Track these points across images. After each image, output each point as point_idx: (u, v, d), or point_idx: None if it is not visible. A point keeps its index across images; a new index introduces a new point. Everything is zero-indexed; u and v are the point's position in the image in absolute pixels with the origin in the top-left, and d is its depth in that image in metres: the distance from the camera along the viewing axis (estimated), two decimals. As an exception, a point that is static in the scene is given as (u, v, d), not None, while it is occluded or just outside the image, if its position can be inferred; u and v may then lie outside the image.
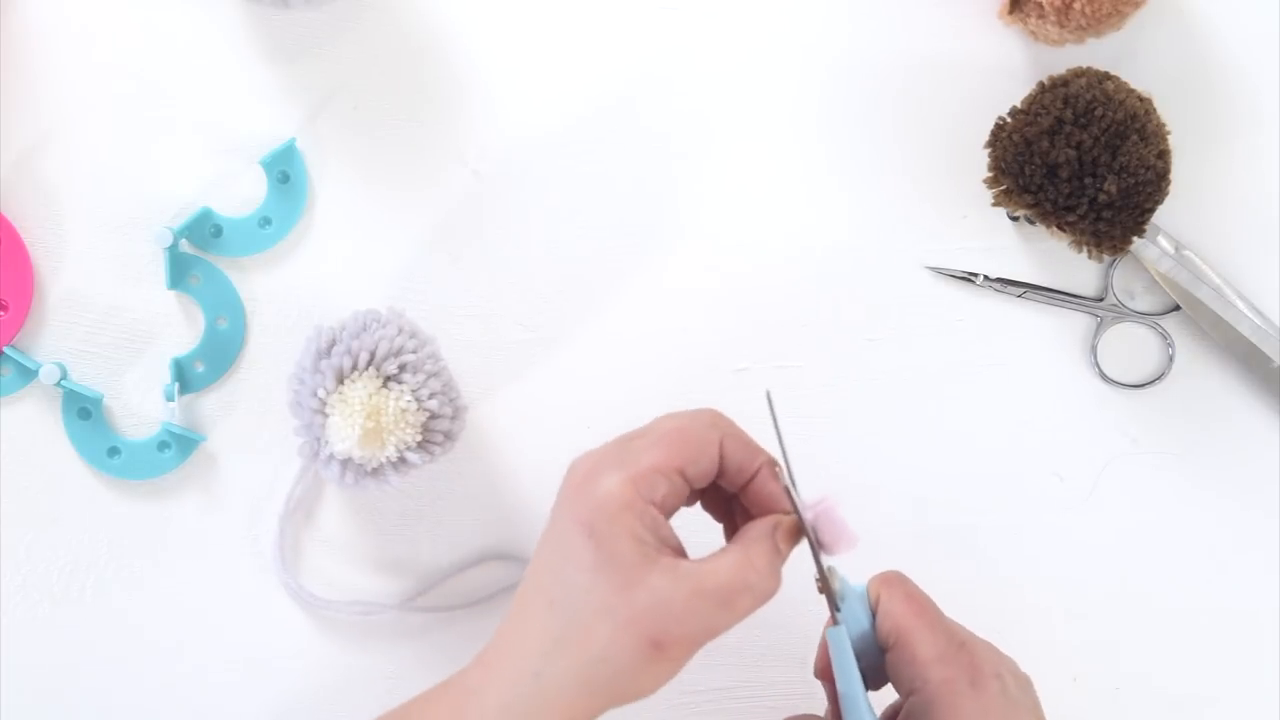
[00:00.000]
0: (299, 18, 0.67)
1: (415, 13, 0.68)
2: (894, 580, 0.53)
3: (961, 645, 0.52)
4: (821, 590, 0.53)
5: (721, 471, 0.53)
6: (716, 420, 0.53)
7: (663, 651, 0.49)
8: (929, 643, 0.51)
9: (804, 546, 0.52)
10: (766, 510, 0.53)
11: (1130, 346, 0.69)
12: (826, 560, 0.52)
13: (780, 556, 0.51)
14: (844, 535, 0.52)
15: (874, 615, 0.53)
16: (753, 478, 0.53)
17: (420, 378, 0.61)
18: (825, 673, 0.54)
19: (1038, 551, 0.69)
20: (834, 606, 0.53)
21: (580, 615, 0.49)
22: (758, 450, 0.53)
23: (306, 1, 0.66)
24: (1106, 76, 0.64)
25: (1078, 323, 0.69)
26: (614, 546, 0.49)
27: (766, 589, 0.50)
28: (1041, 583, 0.69)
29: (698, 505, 0.55)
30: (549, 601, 0.50)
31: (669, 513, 0.51)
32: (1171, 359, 0.69)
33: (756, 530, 0.51)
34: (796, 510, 0.52)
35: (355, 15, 0.68)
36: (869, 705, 0.51)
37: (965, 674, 0.51)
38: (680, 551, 0.51)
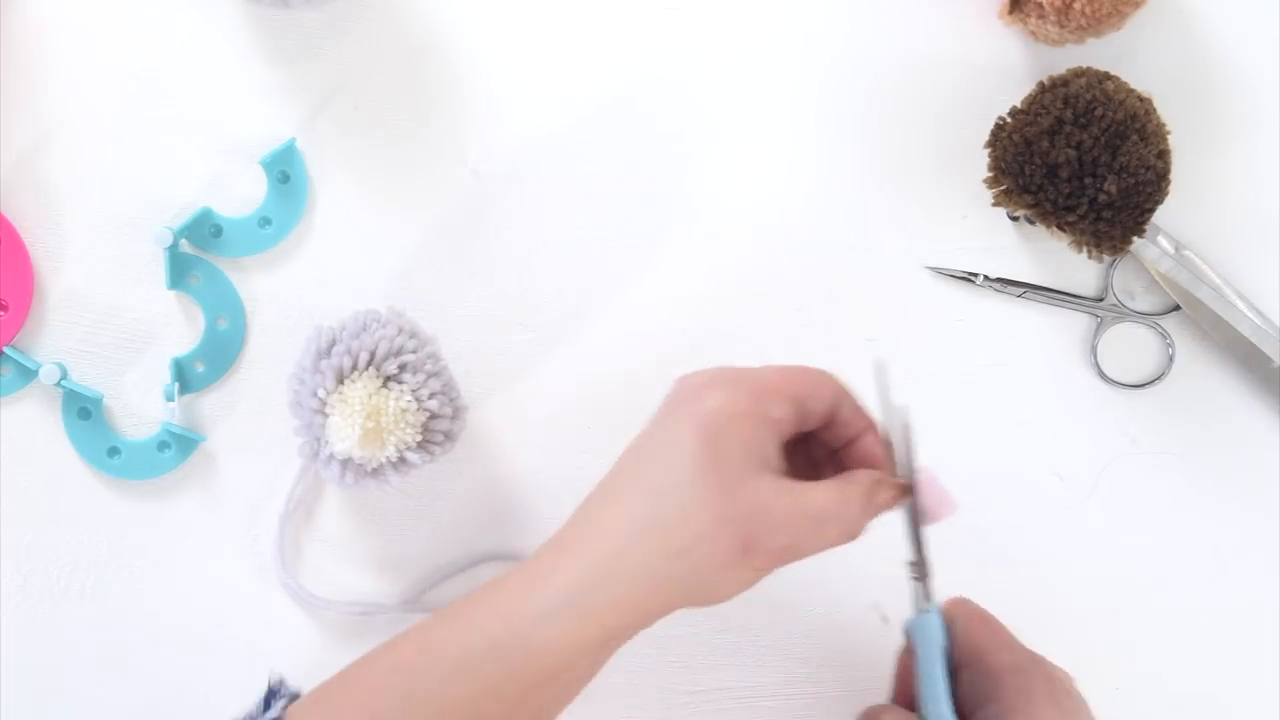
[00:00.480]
0: (299, 18, 0.67)
1: (416, 13, 0.68)
2: (966, 602, 0.55)
3: (1035, 660, 0.54)
4: (917, 576, 0.54)
5: (830, 422, 0.54)
6: (832, 376, 0.54)
7: (750, 557, 0.49)
8: (1006, 657, 0.53)
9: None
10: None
11: (1130, 346, 0.69)
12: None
13: (874, 506, 0.53)
14: (946, 502, 0.54)
15: (948, 634, 0.54)
16: (858, 437, 0.54)
17: (420, 378, 0.61)
18: (903, 692, 0.55)
19: (1037, 551, 0.69)
20: (926, 594, 0.54)
21: (678, 504, 0.49)
22: (866, 413, 0.55)
23: (306, 1, 0.66)
24: (1106, 76, 0.64)
25: (1078, 323, 0.69)
26: (725, 448, 0.50)
27: (853, 528, 0.52)
28: (1041, 583, 0.69)
29: None
30: (646, 488, 0.50)
31: (777, 437, 0.52)
32: (1171, 359, 0.69)
33: (859, 476, 0.53)
34: (901, 476, 0.54)
35: (355, 15, 0.68)
36: (950, 696, 0.52)
37: (1043, 686, 0.52)
38: (783, 474, 0.52)
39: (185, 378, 0.67)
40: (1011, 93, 0.66)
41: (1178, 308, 0.68)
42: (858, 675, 0.68)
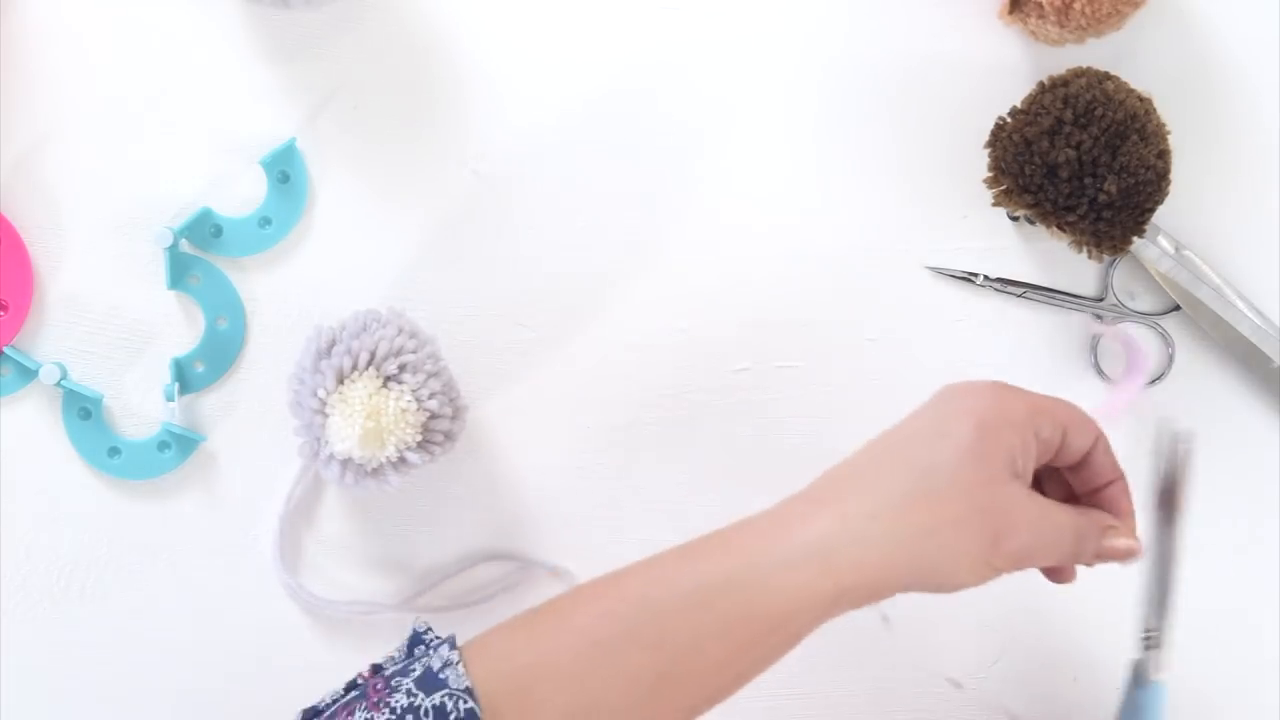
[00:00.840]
0: (299, 18, 0.67)
1: (416, 12, 0.68)
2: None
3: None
4: (1152, 645, 0.56)
5: (1082, 464, 0.56)
6: (1095, 421, 0.56)
7: (994, 551, 0.51)
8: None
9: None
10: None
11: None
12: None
13: (1109, 547, 0.55)
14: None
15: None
16: (1106, 486, 0.56)
17: (420, 378, 0.61)
18: None
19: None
20: (1158, 664, 0.56)
21: (940, 483, 0.51)
22: (1118, 465, 0.56)
23: (306, 1, 0.66)
24: (1106, 76, 0.64)
25: (1078, 323, 0.69)
26: (995, 446, 0.51)
27: (1084, 552, 0.54)
28: (1041, 582, 0.68)
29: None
30: (910, 464, 0.51)
31: (1035, 458, 0.54)
32: (1171, 359, 0.69)
33: (1102, 515, 0.55)
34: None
35: (355, 15, 0.68)
36: None
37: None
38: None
39: (185, 378, 0.67)
40: (1011, 93, 0.66)
41: (1178, 308, 0.68)
42: (858, 675, 0.68)
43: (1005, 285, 0.68)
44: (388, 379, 0.61)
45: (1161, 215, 0.65)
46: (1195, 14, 0.68)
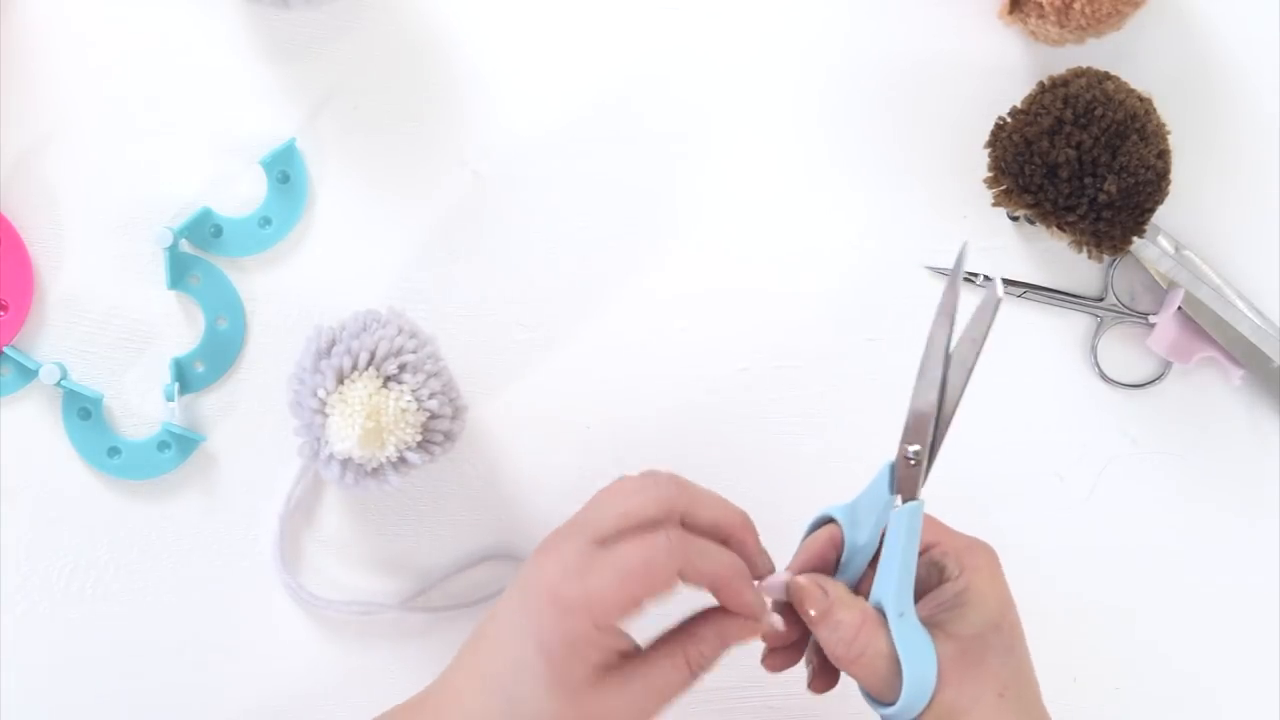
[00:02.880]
0: (299, 18, 0.67)
1: (415, 13, 0.68)
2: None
3: (976, 539, 0.57)
4: (916, 463, 0.54)
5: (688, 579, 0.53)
6: (677, 542, 0.52)
7: None
8: (955, 541, 0.56)
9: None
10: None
11: (1130, 346, 0.69)
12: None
13: (700, 673, 0.54)
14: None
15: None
16: (730, 535, 0.54)
17: (420, 378, 0.61)
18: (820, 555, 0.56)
19: (1038, 551, 0.69)
20: (919, 484, 0.54)
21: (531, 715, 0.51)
22: (722, 559, 0.53)
23: (306, 1, 0.66)
24: (1106, 76, 0.64)
25: (1078, 323, 0.69)
26: (570, 673, 0.51)
27: (679, 695, 0.54)
28: (1041, 582, 0.68)
29: None
30: (500, 696, 0.51)
31: (626, 623, 0.53)
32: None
33: (689, 644, 0.54)
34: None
35: (355, 15, 0.68)
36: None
37: (993, 559, 0.56)
38: (629, 649, 0.53)
39: (185, 378, 0.67)
40: (1011, 93, 0.66)
41: (1178, 308, 0.68)
42: (858, 675, 0.68)
43: (1005, 285, 0.68)
44: (388, 379, 0.61)
45: (1161, 215, 0.65)
46: (1195, 14, 0.68)
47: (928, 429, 0.54)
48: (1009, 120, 0.64)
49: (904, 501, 0.54)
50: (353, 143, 0.68)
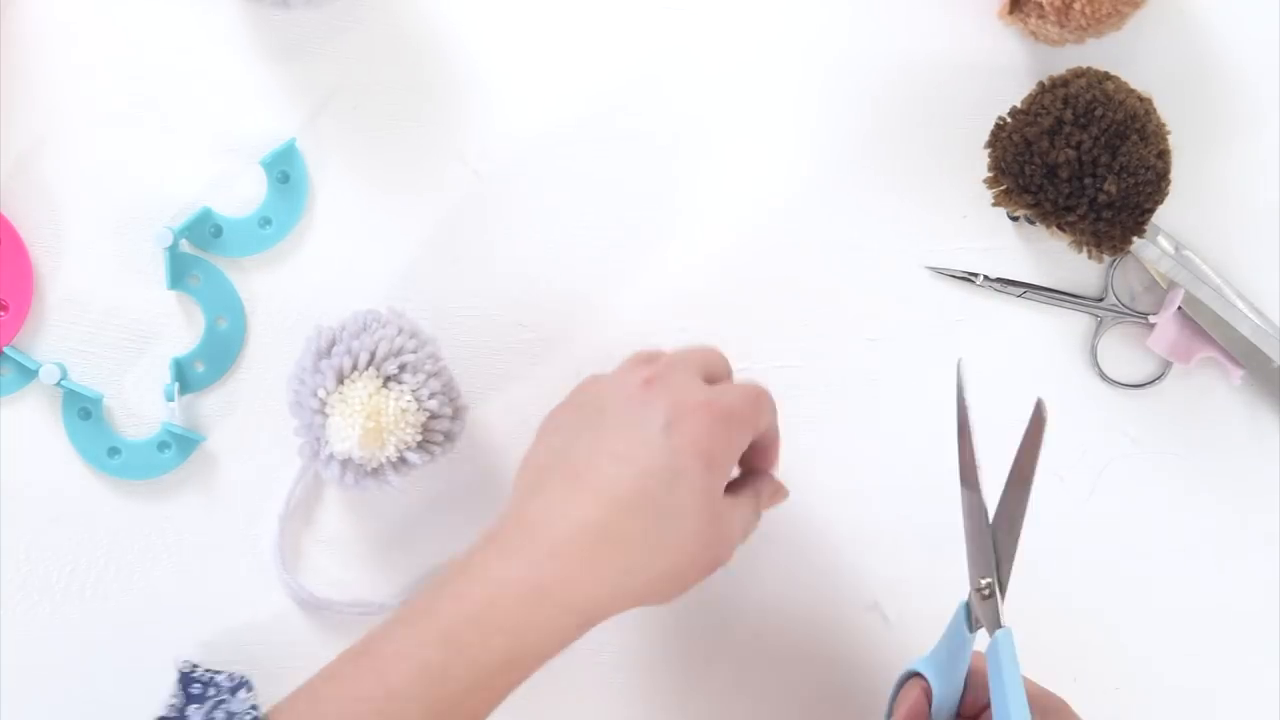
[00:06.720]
0: (299, 18, 0.67)
1: (415, 13, 0.68)
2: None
3: (1056, 696, 0.58)
4: (990, 595, 0.55)
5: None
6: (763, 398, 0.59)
7: (714, 568, 0.56)
8: (1034, 688, 0.56)
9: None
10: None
11: (1130, 346, 0.69)
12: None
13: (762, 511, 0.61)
14: None
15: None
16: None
17: (420, 378, 0.61)
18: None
19: (1037, 551, 0.68)
20: (999, 613, 0.54)
21: (681, 532, 0.54)
22: (775, 428, 0.60)
23: (306, 1, 0.66)
24: (1106, 76, 0.64)
25: (1078, 323, 0.69)
26: (720, 481, 0.55)
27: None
28: (1041, 582, 0.68)
29: None
30: (653, 513, 0.54)
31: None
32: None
33: (762, 487, 0.61)
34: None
35: (355, 15, 0.68)
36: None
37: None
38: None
39: (185, 378, 0.67)
40: (1011, 93, 0.66)
41: (1178, 308, 0.68)
42: (858, 675, 0.68)
43: (1005, 285, 0.68)
44: (388, 379, 0.61)
45: (1161, 215, 0.65)
46: (1195, 14, 0.68)
47: (989, 555, 0.55)
48: (1009, 120, 0.64)
49: (990, 634, 0.54)
50: (353, 143, 0.68)
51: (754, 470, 0.61)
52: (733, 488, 0.59)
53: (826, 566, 0.69)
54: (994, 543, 0.55)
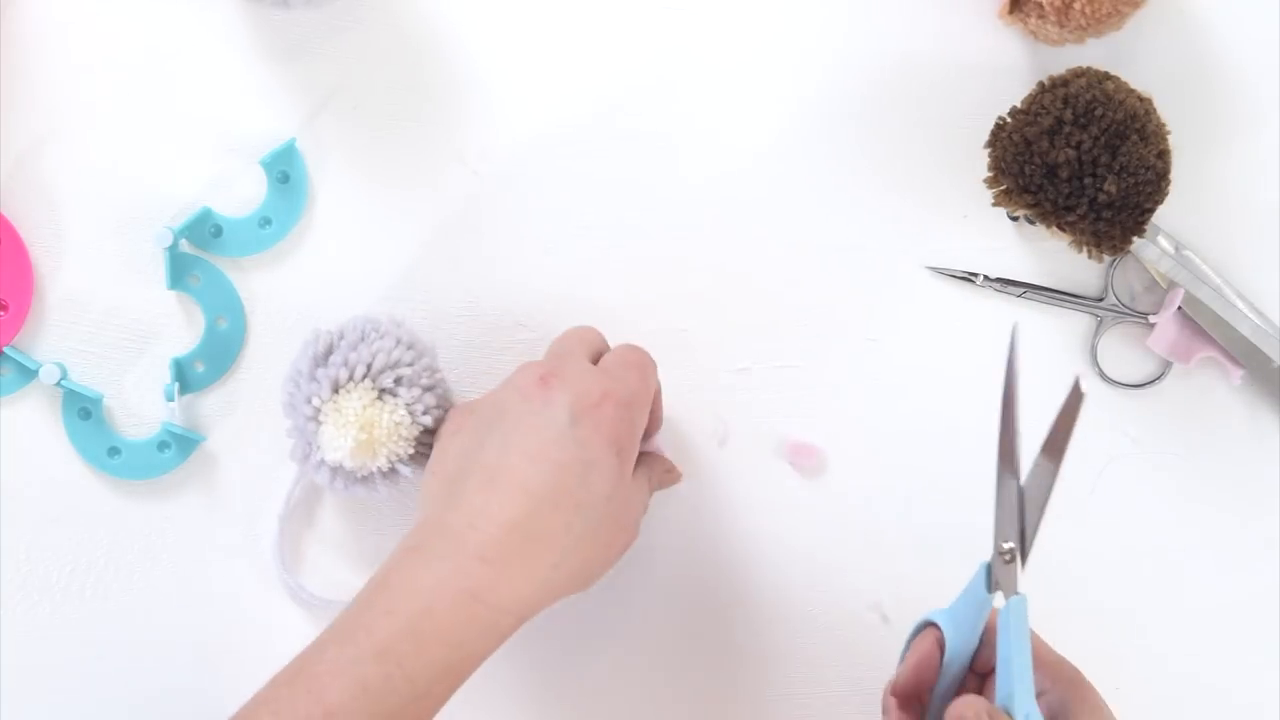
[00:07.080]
0: (299, 18, 0.67)
1: (415, 13, 0.68)
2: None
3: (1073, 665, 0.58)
4: (1010, 559, 0.55)
5: None
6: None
7: (627, 548, 0.60)
8: (1054, 654, 0.58)
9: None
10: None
11: (1130, 346, 0.69)
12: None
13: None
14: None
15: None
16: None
17: (416, 392, 0.61)
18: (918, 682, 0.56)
19: (1037, 551, 0.68)
20: (1017, 579, 0.55)
21: (598, 521, 0.56)
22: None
23: (306, 1, 0.66)
24: (1106, 76, 0.64)
25: (1078, 323, 0.69)
26: (629, 465, 0.58)
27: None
28: (1041, 582, 0.68)
29: None
30: (569, 506, 0.55)
31: None
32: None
33: (655, 465, 0.64)
34: None
35: (355, 15, 0.68)
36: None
37: (1090, 685, 0.57)
38: None
39: (185, 378, 0.67)
40: (1011, 93, 0.66)
41: (1178, 308, 0.68)
42: (858, 675, 0.68)
43: (1005, 285, 0.68)
44: (383, 391, 0.60)
45: (1161, 215, 0.65)
46: (1195, 14, 0.68)
47: (1015, 522, 0.55)
48: (1009, 120, 0.64)
49: (1007, 598, 0.55)
50: (353, 143, 0.68)
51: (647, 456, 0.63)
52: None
53: (826, 566, 0.69)
54: (1020, 510, 0.55)
